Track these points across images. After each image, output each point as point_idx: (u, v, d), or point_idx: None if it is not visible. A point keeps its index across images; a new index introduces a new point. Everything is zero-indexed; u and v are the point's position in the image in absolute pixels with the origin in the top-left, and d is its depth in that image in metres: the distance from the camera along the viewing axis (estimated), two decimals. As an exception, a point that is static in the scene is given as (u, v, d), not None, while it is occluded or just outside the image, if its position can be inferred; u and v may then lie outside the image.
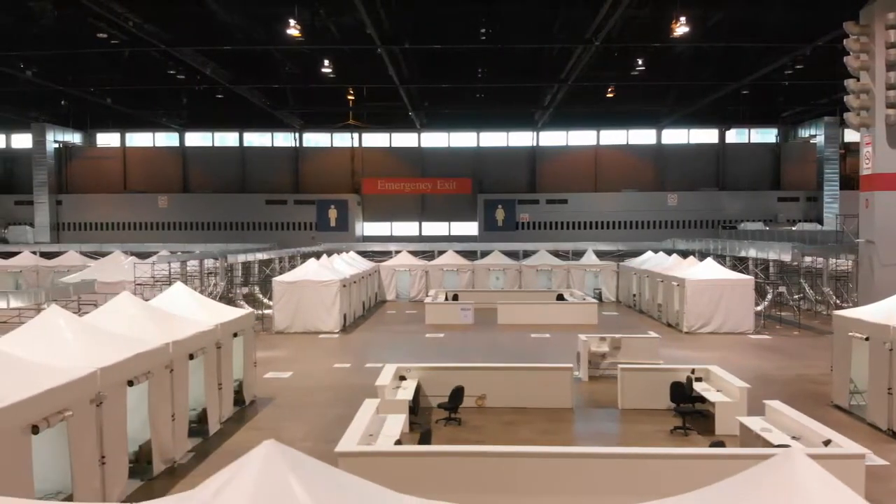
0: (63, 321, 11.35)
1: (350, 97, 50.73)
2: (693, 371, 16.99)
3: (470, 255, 46.65)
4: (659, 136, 59.77)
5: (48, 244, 53.08)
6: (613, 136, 60.10)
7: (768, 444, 11.71)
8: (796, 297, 33.75)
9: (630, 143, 60.10)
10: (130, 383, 11.15)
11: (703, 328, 29.18)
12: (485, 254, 46.67)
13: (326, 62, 40.93)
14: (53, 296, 15.89)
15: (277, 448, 4.91)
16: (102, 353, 10.87)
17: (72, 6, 29.15)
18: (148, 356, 11.89)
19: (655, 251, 41.71)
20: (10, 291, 15.14)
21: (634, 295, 38.54)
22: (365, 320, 34.04)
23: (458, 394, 15.39)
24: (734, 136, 60.84)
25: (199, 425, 14.61)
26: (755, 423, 12.99)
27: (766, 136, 61.40)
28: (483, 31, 32.22)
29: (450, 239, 56.31)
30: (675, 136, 60.33)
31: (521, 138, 59.83)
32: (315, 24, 35.12)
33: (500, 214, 56.25)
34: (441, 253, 45.96)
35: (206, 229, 56.80)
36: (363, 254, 45.82)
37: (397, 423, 13.08)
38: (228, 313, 16.72)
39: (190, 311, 15.39)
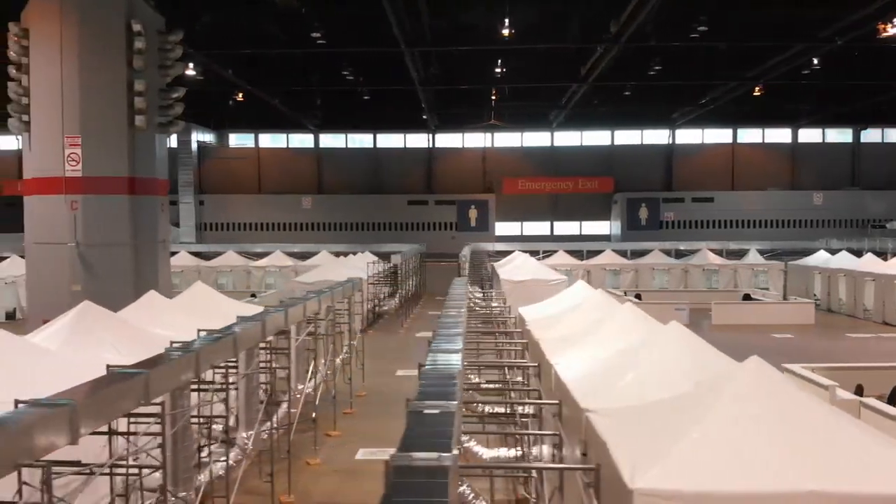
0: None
1: (493, 97, 50.65)
2: None
3: (620, 254, 46.14)
4: (795, 135, 59.09)
5: (193, 244, 53.67)
6: (749, 135, 59.50)
7: None
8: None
9: (766, 140, 59.46)
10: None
11: (935, 327, 28.87)
12: (635, 253, 46.25)
13: (499, 61, 41.04)
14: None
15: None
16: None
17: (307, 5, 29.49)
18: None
19: (833, 251, 41.26)
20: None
21: (815, 294, 38.12)
22: (561, 319, 33.74)
23: None
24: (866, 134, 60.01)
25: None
26: None
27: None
28: (699, 28, 31.80)
29: (582, 238, 55.98)
30: (809, 135, 59.63)
31: (655, 136, 59.44)
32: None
33: (643, 213, 55.83)
34: (593, 253, 45.55)
35: (345, 230, 57.23)
36: (502, 254, 45.39)
37: None
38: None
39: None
